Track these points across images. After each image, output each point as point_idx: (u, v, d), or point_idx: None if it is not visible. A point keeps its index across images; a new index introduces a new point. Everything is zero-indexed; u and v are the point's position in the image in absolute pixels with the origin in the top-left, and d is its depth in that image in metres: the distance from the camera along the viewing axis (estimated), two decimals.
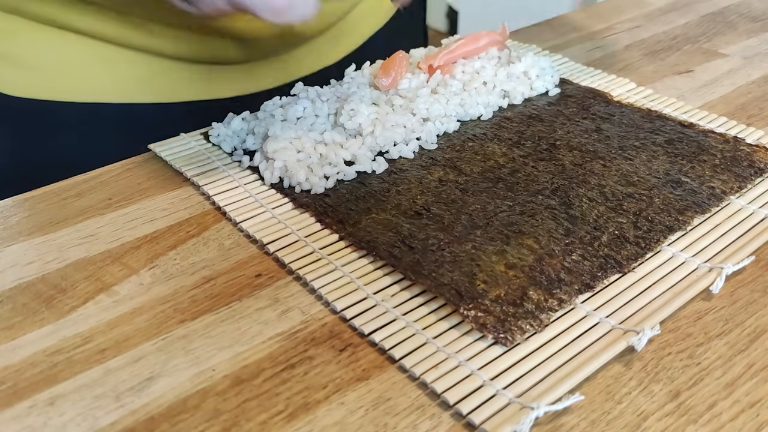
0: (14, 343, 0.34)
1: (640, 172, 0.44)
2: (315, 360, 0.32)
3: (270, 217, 0.42)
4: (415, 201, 0.41)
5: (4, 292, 0.37)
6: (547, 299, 0.34)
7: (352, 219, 0.40)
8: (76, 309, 0.35)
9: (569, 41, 0.67)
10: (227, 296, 0.36)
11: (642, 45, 0.66)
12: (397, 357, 0.32)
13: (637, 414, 0.29)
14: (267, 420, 0.29)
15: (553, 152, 0.46)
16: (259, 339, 0.33)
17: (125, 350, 0.33)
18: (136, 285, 0.37)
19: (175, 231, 0.41)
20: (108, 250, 0.40)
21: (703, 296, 0.36)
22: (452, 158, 0.46)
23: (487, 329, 0.32)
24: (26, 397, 0.31)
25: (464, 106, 0.50)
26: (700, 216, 0.40)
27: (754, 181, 0.43)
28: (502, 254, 0.37)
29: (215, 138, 0.49)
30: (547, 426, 0.29)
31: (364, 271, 0.37)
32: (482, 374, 0.31)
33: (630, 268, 0.37)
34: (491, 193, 0.42)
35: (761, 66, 0.60)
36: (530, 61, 0.55)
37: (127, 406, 0.30)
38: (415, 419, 0.29)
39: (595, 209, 0.40)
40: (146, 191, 0.45)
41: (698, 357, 0.32)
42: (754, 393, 0.30)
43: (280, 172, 0.44)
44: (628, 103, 0.53)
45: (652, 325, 0.33)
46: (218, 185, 0.45)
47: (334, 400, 0.30)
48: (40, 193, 0.45)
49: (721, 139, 0.47)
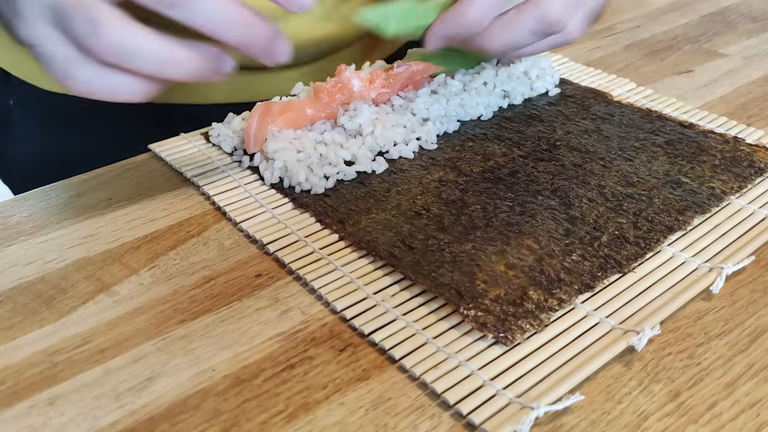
0: (14, 343, 0.33)
1: (640, 172, 0.44)
2: (315, 360, 0.32)
3: (270, 217, 0.42)
4: (415, 201, 0.41)
5: (4, 292, 0.37)
6: (547, 299, 0.34)
7: (352, 219, 0.40)
8: (76, 309, 0.35)
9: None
10: (227, 296, 0.36)
11: (642, 45, 0.66)
12: (397, 357, 0.32)
13: (638, 414, 0.29)
14: (267, 420, 0.29)
15: (553, 152, 0.46)
16: (259, 339, 0.33)
17: (125, 350, 0.33)
18: (136, 285, 0.37)
19: (175, 231, 0.41)
20: (108, 250, 0.40)
21: (703, 296, 0.36)
22: (452, 158, 0.46)
23: (487, 329, 0.32)
24: (26, 397, 0.31)
25: (464, 106, 0.50)
26: (700, 216, 0.40)
27: (754, 181, 0.43)
28: (502, 254, 0.37)
29: (215, 138, 0.49)
30: (547, 426, 0.29)
31: (364, 271, 0.37)
32: (482, 374, 0.31)
33: (630, 268, 0.37)
34: (491, 193, 0.42)
35: (761, 66, 0.60)
36: (530, 61, 0.55)
37: (127, 406, 0.30)
38: (415, 419, 0.29)
39: (595, 209, 0.40)
40: (146, 191, 0.45)
41: (698, 357, 0.32)
42: (754, 393, 0.30)
43: (280, 172, 0.44)
44: (628, 103, 0.53)
45: (652, 325, 0.33)
46: (218, 185, 0.45)
47: (334, 400, 0.30)
48: (41, 192, 0.45)
49: (721, 139, 0.47)
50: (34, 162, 0.61)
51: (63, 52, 0.34)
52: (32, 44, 0.35)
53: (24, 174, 0.62)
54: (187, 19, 0.34)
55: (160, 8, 0.34)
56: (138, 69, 0.35)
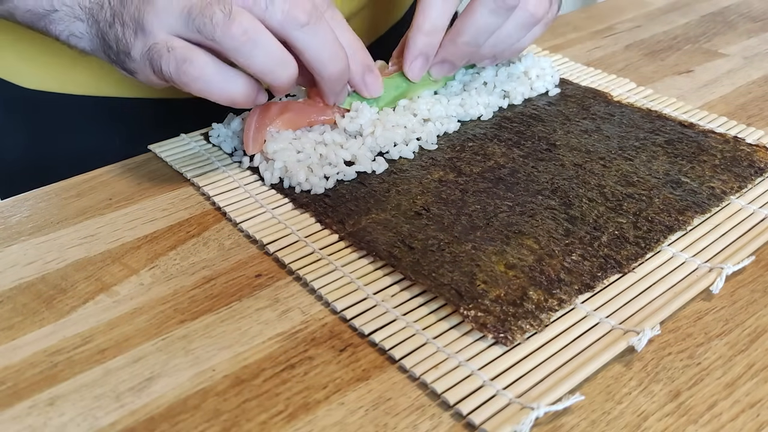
0: (14, 343, 0.33)
1: (640, 172, 0.44)
2: (315, 360, 0.32)
3: (270, 218, 0.42)
4: (415, 201, 0.41)
5: (4, 292, 0.37)
6: (547, 299, 0.34)
7: (352, 219, 0.40)
8: (76, 309, 0.35)
9: (569, 41, 0.67)
10: (227, 296, 0.36)
11: (642, 45, 0.66)
12: (397, 357, 0.32)
13: (638, 414, 0.29)
14: (267, 420, 0.29)
15: (553, 152, 0.46)
16: (259, 339, 0.33)
17: (125, 350, 0.33)
18: (136, 285, 0.37)
19: (175, 231, 0.41)
20: (108, 250, 0.40)
21: (703, 296, 0.36)
22: (452, 158, 0.46)
23: (487, 329, 0.32)
24: (26, 397, 0.31)
25: (464, 106, 0.50)
26: (700, 216, 0.40)
27: (754, 181, 0.43)
28: (502, 254, 0.37)
29: (215, 138, 0.49)
30: (547, 426, 0.29)
31: (364, 271, 0.37)
32: (482, 374, 0.31)
33: (630, 268, 0.37)
34: (491, 193, 0.42)
35: (761, 66, 0.60)
36: (530, 62, 0.55)
37: (127, 406, 0.30)
38: (415, 419, 0.29)
39: (595, 209, 0.40)
40: (146, 191, 0.45)
41: (698, 357, 0.32)
42: (754, 393, 0.30)
43: (280, 172, 0.44)
44: (628, 103, 0.53)
45: (652, 325, 0.33)
46: (218, 186, 0.45)
47: (334, 401, 0.30)
48: (40, 192, 0.45)
49: (721, 139, 0.47)
50: (17, 166, 0.61)
51: (183, 45, 0.38)
52: (148, 50, 0.38)
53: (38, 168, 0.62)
54: (306, 42, 0.39)
55: (289, 26, 0.38)
56: (252, 65, 0.38)
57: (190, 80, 0.38)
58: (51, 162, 0.55)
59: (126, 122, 0.58)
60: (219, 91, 0.38)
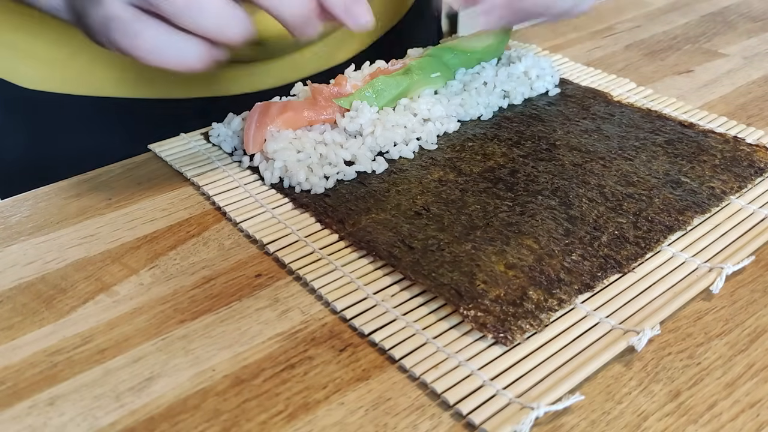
0: (14, 343, 0.34)
1: (640, 172, 0.44)
2: (315, 360, 0.32)
3: (270, 217, 0.42)
4: (415, 201, 0.41)
5: (4, 292, 0.37)
6: (547, 299, 0.34)
7: (352, 219, 0.40)
8: (76, 309, 0.35)
9: (569, 41, 0.67)
10: (227, 296, 0.36)
11: (642, 45, 0.66)
12: (397, 357, 0.32)
13: (637, 414, 0.29)
14: (267, 420, 0.29)
15: (553, 152, 0.46)
16: (259, 339, 0.33)
17: (125, 350, 0.33)
18: (136, 285, 0.37)
19: (175, 231, 0.41)
20: (108, 250, 0.40)
21: (703, 296, 0.36)
22: (452, 158, 0.46)
23: (487, 329, 0.32)
24: (26, 397, 0.31)
25: (464, 106, 0.50)
26: (700, 216, 0.40)
27: (754, 181, 0.43)
28: (501, 254, 0.37)
29: (215, 138, 0.49)
30: (547, 426, 0.29)
31: (364, 271, 0.37)
32: (482, 374, 0.31)
33: (630, 268, 0.37)
34: (491, 193, 0.42)
35: (761, 66, 0.60)
36: (530, 61, 0.55)
37: (127, 406, 0.30)
38: (415, 419, 0.29)
39: (594, 209, 0.40)
40: (146, 191, 0.45)
41: (698, 357, 0.32)
42: (754, 393, 0.30)
43: (280, 172, 0.44)
44: (628, 103, 0.53)
45: (652, 325, 0.33)
46: (218, 185, 0.45)
47: (334, 400, 0.30)
48: (40, 192, 0.45)
49: (721, 139, 0.47)
50: (17, 166, 0.61)
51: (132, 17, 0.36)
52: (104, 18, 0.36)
53: (11, 176, 0.62)
54: None
55: None
56: (201, 28, 0.36)
57: (144, 54, 0.37)
58: (51, 162, 0.55)
59: (126, 122, 0.58)
60: (174, 60, 0.37)
